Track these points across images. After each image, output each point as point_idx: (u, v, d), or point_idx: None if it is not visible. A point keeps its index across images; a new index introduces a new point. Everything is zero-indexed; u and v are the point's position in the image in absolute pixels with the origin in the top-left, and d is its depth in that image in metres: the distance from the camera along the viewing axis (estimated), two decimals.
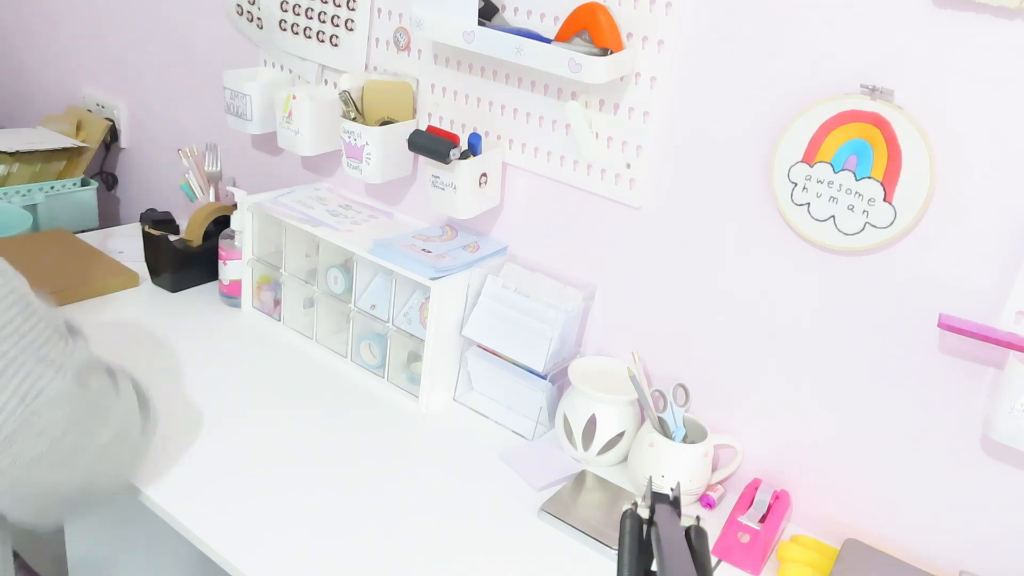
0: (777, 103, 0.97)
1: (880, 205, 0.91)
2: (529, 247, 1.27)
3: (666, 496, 0.64)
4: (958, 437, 0.96)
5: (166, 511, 0.95)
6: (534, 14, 1.12)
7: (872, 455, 1.03)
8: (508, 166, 1.24)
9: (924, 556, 1.01)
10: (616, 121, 1.10)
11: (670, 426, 1.10)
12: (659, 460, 1.07)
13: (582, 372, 1.17)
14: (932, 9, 0.84)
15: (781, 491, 1.09)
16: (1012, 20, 0.81)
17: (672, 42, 1.02)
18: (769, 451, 1.11)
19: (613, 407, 1.13)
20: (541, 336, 1.17)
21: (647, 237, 1.14)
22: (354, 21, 1.35)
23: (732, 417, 1.13)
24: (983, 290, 0.90)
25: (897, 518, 1.03)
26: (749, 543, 1.01)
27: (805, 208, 0.96)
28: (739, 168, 1.02)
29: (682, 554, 0.55)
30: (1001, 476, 0.94)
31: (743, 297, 1.07)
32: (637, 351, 1.17)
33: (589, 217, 1.18)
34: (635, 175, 1.11)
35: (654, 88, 1.05)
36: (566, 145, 1.16)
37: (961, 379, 0.94)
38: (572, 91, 1.12)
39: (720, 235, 1.07)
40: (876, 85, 0.88)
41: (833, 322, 1.01)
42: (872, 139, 0.90)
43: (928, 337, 0.95)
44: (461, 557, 0.95)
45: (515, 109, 1.19)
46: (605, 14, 1.03)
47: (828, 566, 1.00)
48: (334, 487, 1.03)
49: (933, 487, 0.99)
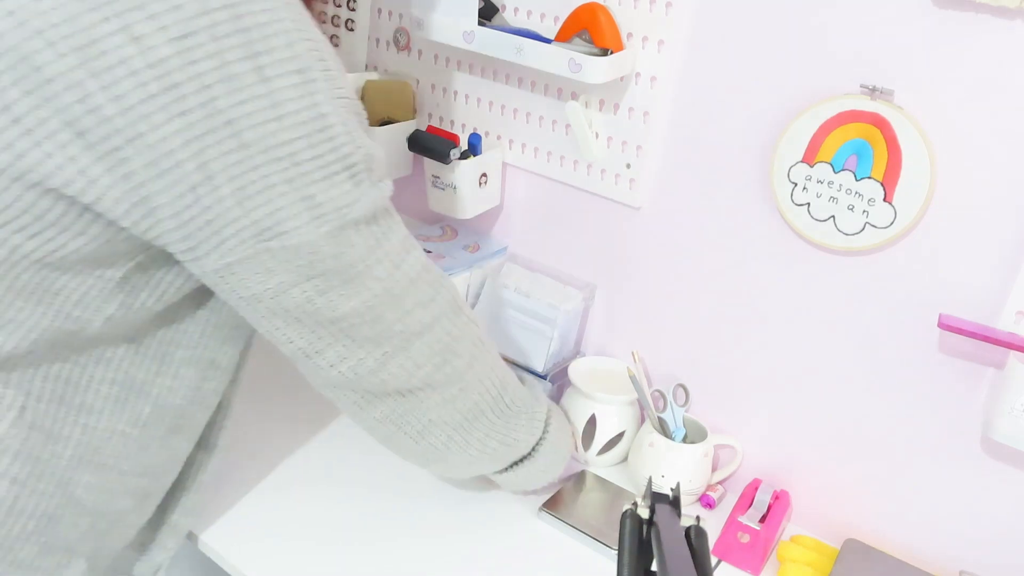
0: (777, 103, 0.97)
1: (880, 205, 0.91)
2: (529, 247, 1.27)
3: (666, 496, 0.64)
4: (958, 437, 0.96)
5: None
6: (534, 14, 1.12)
7: (872, 455, 1.03)
8: (508, 166, 1.24)
9: (924, 556, 1.01)
10: (616, 121, 1.10)
11: (670, 426, 1.10)
12: (659, 460, 1.07)
13: (582, 372, 1.17)
14: (932, 9, 0.84)
15: (781, 491, 1.09)
16: (1012, 20, 0.81)
17: (672, 42, 1.02)
18: (769, 451, 1.11)
19: (613, 407, 1.13)
20: (541, 336, 1.17)
21: (647, 237, 1.14)
22: (354, 21, 1.35)
23: (732, 417, 1.13)
24: (983, 290, 0.90)
25: (897, 518, 1.03)
26: (749, 543, 1.01)
27: (805, 208, 0.96)
28: (739, 168, 1.02)
29: (682, 554, 0.55)
30: (1001, 476, 0.94)
31: (743, 297, 1.07)
32: (637, 351, 1.17)
33: (589, 217, 1.18)
34: (635, 175, 1.11)
35: (654, 88, 1.05)
36: (566, 145, 1.16)
37: (961, 379, 0.94)
38: (572, 91, 1.12)
39: (720, 235, 1.07)
40: (876, 85, 0.88)
41: (833, 322, 1.01)
42: (872, 139, 0.90)
43: (928, 337, 0.95)
44: (461, 556, 0.95)
45: (515, 109, 1.19)
46: (605, 14, 1.03)
47: (828, 566, 1.00)
48: (332, 481, 1.03)
49: (933, 487, 0.99)
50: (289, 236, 0.63)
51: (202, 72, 0.56)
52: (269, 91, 0.59)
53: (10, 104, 0.55)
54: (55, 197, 0.58)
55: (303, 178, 0.62)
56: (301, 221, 0.63)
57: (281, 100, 0.59)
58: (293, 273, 0.65)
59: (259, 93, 0.58)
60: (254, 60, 0.58)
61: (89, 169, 0.57)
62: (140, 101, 0.55)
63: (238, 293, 0.67)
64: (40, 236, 0.60)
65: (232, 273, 0.64)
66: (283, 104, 0.59)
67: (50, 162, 0.56)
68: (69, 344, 0.68)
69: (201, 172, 0.59)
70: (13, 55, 0.54)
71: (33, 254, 0.61)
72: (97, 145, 0.56)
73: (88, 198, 0.58)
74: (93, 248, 0.62)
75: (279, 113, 0.59)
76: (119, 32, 0.54)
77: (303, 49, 0.60)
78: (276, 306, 0.68)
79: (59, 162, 0.56)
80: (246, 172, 0.60)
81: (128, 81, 0.55)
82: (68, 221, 0.60)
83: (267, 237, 0.62)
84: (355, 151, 0.65)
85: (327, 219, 0.64)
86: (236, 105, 0.58)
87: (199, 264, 0.64)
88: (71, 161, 0.56)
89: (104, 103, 0.55)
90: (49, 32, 0.54)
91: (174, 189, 0.59)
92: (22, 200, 0.58)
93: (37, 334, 0.65)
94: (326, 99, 0.62)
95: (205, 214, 0.60)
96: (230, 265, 0.64)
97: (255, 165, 0.60)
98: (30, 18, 0.53)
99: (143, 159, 0.57)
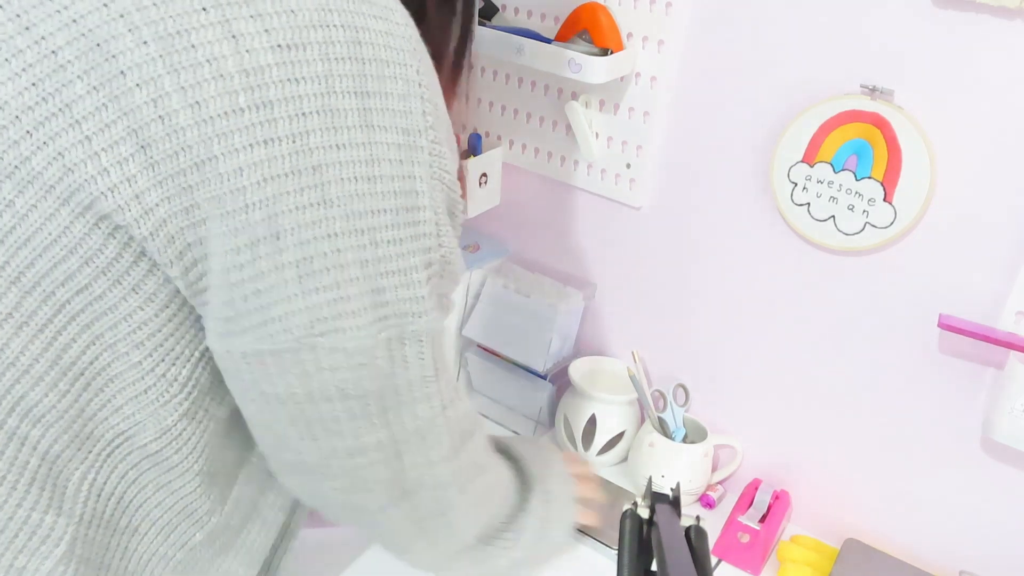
0: (777, 103, 0.97)
1: (880, 205, 0.91)
2: (529, 247, 1.27)
3: (666, 496, 0.64)
4: (958, 437, 0.96)
5: None
6: (534, 14, 1.12)
7: (872, 455, 1.03)
8: (508, 166, 1.24)
9: (924, 556, 1.01)
10: (616, 121, 1.10)
11: (670, 426, 1.10)
12: (659, 460, 1.07)
13: (582, 372, 1.17)
14: (932, 9, 0.84)
15: (781, 491, 1.09)
16: (1012, 20, 0.81)
17: (672, 42, 1.02)
18: (769, 451, 1.11)
19: (613, 407, 1.13)
20: (541, 336, 1.17)
21: (647, 237, 1.14)
22: None
23: (732, 417, 1.13)
24: (983, 290, 0.90)
25: (897, 518, 1.03)
26: (749, 543, 1.01)
27: (805, 208, 0.96)
28: (739, 168, 1.02)
29: (682, 554, 0.55)
30: (1001, 476, 0.94)
31: (743, 297, 1.07)
32: (637, 351, 1.17)
33: (589, 217, 1.18)
34: (635, 175, 1.10)
35: (654, 88, 1.05)
36: (566, 145, 1.16)
37: (961, 379, 0.94)
38: (572, 91, 1.12)
39: (720, 235, 1.07)
40: (876, 85, 0.88)
41: (833, 322, 1.01)
42: (872, 139, 0.90)
43: (928, 337, 0.95)
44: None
45: (515, 109, 1.19)
46: (605, 14, 1.03)
47: (828, 566, 1.00)
48: None
49: (933, 487, 0.99)
50: (344, 336, 0.50)
51: (303, 95, 0.45)
52: (369, 142, 0.48)
53: (72, 102, 0.45)
54: (108, 230, 0.47)
55: (378, 264, 0.50)
56: (363, 320, 0.50)
57: (379, 158, 0.48)
58: (330, 386, 0.52)
59: (358, 141, 0.47)
60: (362, 100, 0.47)
61: (147, 194, 0.46)
62: (222, 114, 0.45)
63: (260, 387, 0.53)
64: (89, 290, 0.49)
65: (262, 364, 0.51)
66: (380, 163, 0.48)
67: (104, 180, 0.46)
68: (125, 456, 0.55)
69: (268, 225, 0.47)
70: (87, 40, 0.44)
71: (81, 315, 0.49)
72: (160, 163, 0.46)
73: (141, 230, 0.47)
74: (148, 316, 0.51)
75: (373, 173, 0.48)
76: (216, 25, 0.44)
77: (417, 108, 0.50)
78: (298, 415, 0.54)
79: (114, 180, 0.46)
80: (319, 239, 0.48)
81: (213, 86, 0.44)
82: (121, 268, 0.48)
83: (319, 331, 0.49)
84: (436, 248, 0.53)
85: (389, 324, 0.51)
86: (330, 148, 0.47)
87: (226, 341, 0.51)
88: (128, 182, 0.46)
89: (179, 108, 0.44)
90: (134, 15, 0.44)
91: (233, 239, 0.47)
92: (71, 232, 0.47)
93: (80, 426, 0.52)
94: (424, 175, 0.50)
95: (256, 281, 0.48)
96: (261, 353, 0.51)
97: (331, 232, 0.48)
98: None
99: (209, 191, 0.46)
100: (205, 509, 0.61)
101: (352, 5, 0.47)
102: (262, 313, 0.49)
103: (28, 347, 0.49)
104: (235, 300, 0.49)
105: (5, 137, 0.45)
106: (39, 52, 0.45)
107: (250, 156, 0.45)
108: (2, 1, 0.45)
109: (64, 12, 0.45)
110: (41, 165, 0.46)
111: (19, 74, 0.45)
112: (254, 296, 0.48)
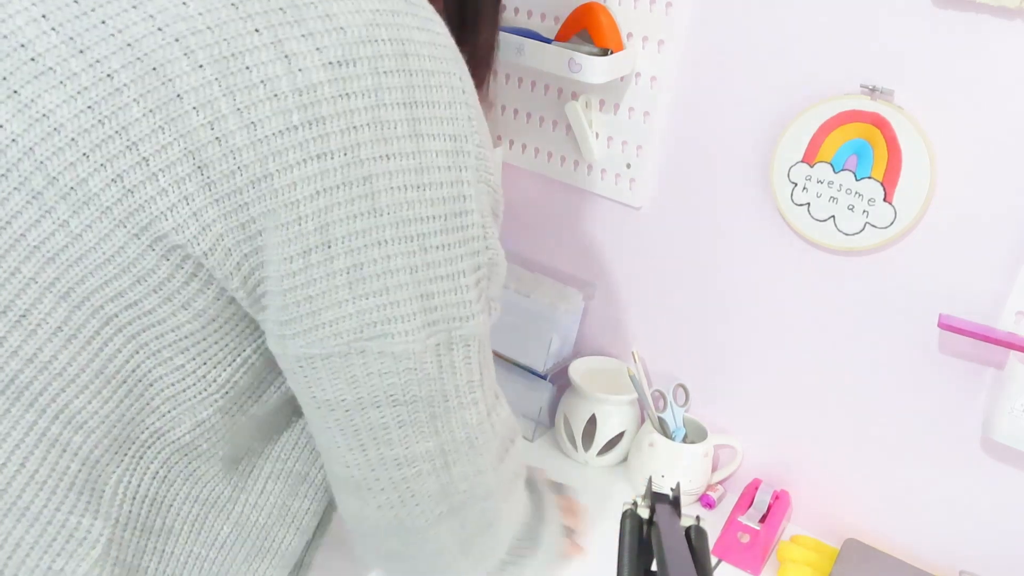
0: (777, 103, 0.97)
1: (880, 205, 0.91)
2: (529, 247, 1.27)
3: (666, 496, 0.64)
4: (958, 437, 0.96)
5: None
6: (534, 14, 1.12)
7: (872, 455, 1.03)
8: (508, 166, 1.24)
9: (924, 556, 1.01)
10: (616, 121, 1.10)
11: (670, 426, 1.10)
12: (659, 460, 1.07)
13: (582, 372, 1.17)
14: (932, 9, 0.84)
15: (781, 491, 1.09)
16: (1012, 20, 0.81)
17: (672, 42, 1.02)
18: (769, 451, 1.11)
19: (613, 407, 1.13)
20: (541, 336, 1.17)
21: (647, 237, 1.14)
22: None
23: (732, 417, 1.13)
24: (983, 290, 0.90)
25: (897, 518, 1.03)
26: (749, 543, 1.01)
27: (805, 208, 0.96)
28: (739, 168, 1.02)
29: (682, 554, 0.55)
30: (1001, 476, 0.94)
31: (743, 297, 1.07)
32: (637, 351, 1.17)
33: (589, 217, 1.18)
34: (635, 175, 1.11)
35: (654, 88, 1.05)
36: (566, 145, 1.16)
37: (961, 379, 0.94)
38: (572, 91, 1.12)
39: (720, 235, 1.07)
40: (876, 85, 0.88)
41: (833, 322, 1.01)
42: (872, 139, 0.90)
43: (928, 337, 0.95)
44: None
45: (515, 109, 1.19)
46: (605, 14, 1.03)
47: (828, 566, 1.00)
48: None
49: (933, 487, 0.99)
50: (393, 340, 0.51)
51: (354, 110, 0.47)
52: (418, 150, 0.49)
53: (128, 124, 0.46)
54: (162, 251, 0.48)
55: (427, 270, 0.51)
56: (412, 325, 0.52)
57: (428, 166, 0.50)
58: (379, 391, 0.54)
59: (408, 151, 0.49)
60: (411, 110, 0.49)
61: (204, 212, 0.47)
62: (276, 132, 0.46)
63: (312, 392, 0.55)
64: (139, 306, 0.50)
65: (313, 368, 0.53)
66: (429, 171, 0.50)
67: (163, 200, 0.47)
68: (157, 454, 0.57)
69: (320, 235, 0.48)
70: (143, 65, 0.45)
71: (129, 327, 0.51)
72: (217, 183, 0.47)
73: (199, 248, 0.48)
74: (195, 328, 0.52)
75: (422, 181, 0.50)
76: (269, 46, 0.46)
77: (463, 114, 0.51)
78: (347, 423, 0.56)
79: (173, 200, 0.47)
80: (369, 247, 0.49)
81: (268, 106, 0.46)
82: (173, 287, 0.50)
83: (368, 335, 0.51)
84: (483, 251, 0.54)
85: (437, 328, 0.53)
86: (380, 159, 0.48)
87: (284, 344, 0.53)
88: (186, 201, 0.47)
89: (236, 129, 0.46)
90: (189, 39, 0.45)
91: (286, 248, 0.49)
92: (125, 252, 0.48)
93: (120, 429, 0.54)
94: (472, 179, 0.52)
95: (308, 287, 0.50)
96: (313, 358, 0.52)
97: (381, 240, 0.49)
98: (172, 23, 0.45)
99: (264, 206, 0.47)
100: (227, 496, 0.62)
101: (398, 19, 0.49)
102: (313, 318, 0.50)
103: (75, 359, 0.50)
104: (288, 306, 0.50)
105: (61, 159, 0.46)
106: (94, 75, 0.46)
107: (303, 171, 0.47)
108: (55, 24, 0.46)
109: (119, 36, 0.46)
110: (98, 187, 0.46)
111: (74, 97, 0.46)
112: (306, 302, 0.50)
